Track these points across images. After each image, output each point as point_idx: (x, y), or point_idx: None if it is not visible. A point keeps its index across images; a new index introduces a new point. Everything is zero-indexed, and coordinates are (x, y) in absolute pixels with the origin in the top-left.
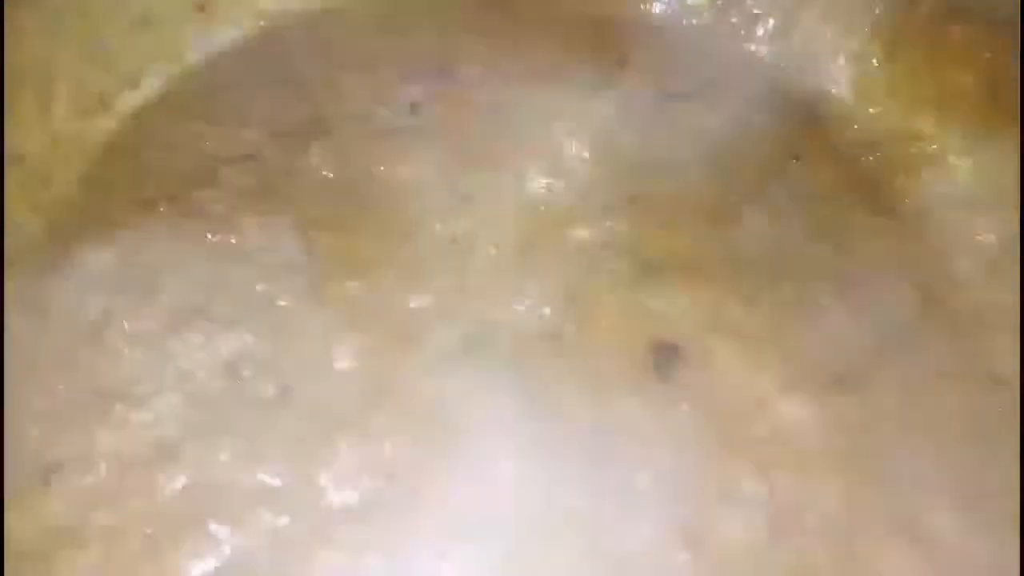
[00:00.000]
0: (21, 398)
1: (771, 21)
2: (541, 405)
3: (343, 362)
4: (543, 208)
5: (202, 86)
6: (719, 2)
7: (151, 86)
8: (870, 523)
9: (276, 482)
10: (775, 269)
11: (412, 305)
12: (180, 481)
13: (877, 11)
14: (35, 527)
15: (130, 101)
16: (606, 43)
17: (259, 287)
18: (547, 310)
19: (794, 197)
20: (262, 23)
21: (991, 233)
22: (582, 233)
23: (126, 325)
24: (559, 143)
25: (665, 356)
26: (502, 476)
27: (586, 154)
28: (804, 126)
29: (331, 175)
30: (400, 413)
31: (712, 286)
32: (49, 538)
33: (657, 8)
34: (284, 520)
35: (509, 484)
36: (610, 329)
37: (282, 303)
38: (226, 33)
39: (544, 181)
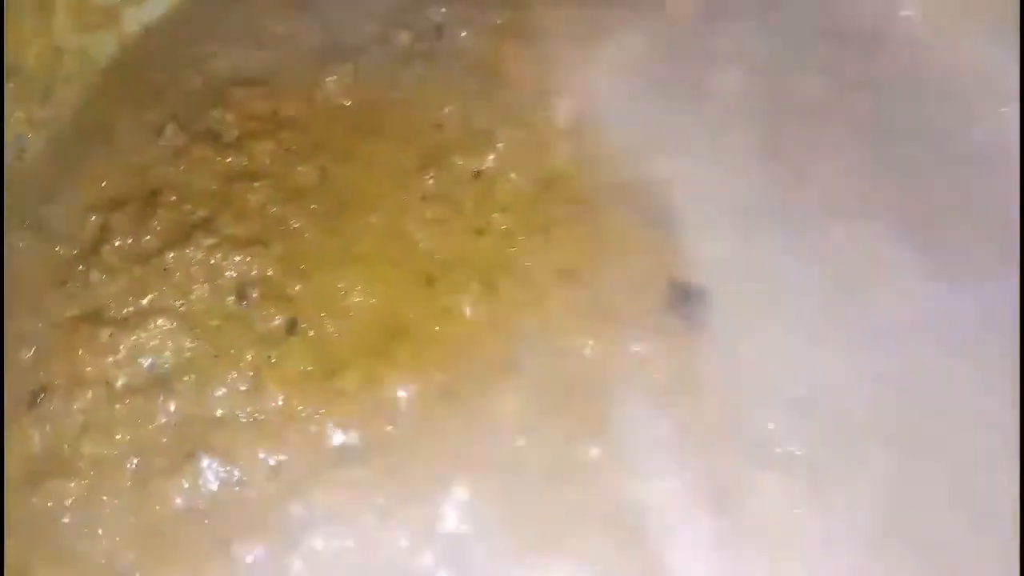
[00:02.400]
0: (13, 318)
1: None
2: (557, 343)
3: (355, 296)
4: (573, 142)
5: (214, 3)
6: None
7: (159, 1)
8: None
9: (275, 419)
10: (829, 210)
11: (429, 242)
12: (172, 413)
13: None
14: (19, 454)
15: (137, 17)
16: None
17: (272, 209)
18: (567, 249)
19: (857, 133)
20: None
21: None
22: (614, 170)
23: (124, 241)
24: (593, 71)
25: (686, 298)
26: (508, 422)
27: (622, 85)
28: (869, 53)
29: (348, 102)
30: (411, 354)
31: (753, 231)
32: (33, 465)
33: None
34: (281, 458)
35: (515, 430)
36: (629, 267)
37: (296, 225)
38: None
39: (575, 113)
